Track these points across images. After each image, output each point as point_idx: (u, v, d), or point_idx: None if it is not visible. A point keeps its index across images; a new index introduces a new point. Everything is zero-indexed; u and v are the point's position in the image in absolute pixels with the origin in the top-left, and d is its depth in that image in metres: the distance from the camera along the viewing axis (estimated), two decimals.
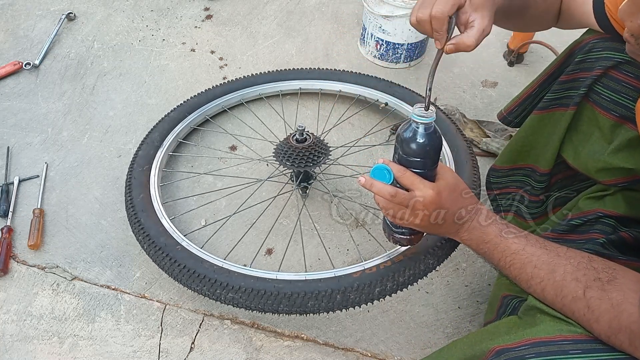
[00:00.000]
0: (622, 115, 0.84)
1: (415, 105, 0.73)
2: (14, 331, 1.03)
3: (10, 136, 1.37)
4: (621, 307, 0.62)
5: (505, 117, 1.12)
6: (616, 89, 0.85)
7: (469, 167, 1.12)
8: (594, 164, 0.88)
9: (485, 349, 0.69)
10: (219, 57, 1.62)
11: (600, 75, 0.86)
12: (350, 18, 1.79)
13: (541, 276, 0.70)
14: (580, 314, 0.65)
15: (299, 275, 0.93)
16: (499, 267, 0.77)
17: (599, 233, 0.84)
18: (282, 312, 0.92)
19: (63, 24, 1.67)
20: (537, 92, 1.03)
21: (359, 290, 0.90)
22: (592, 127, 0.89)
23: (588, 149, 0.89)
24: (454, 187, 0.77)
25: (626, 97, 0.83)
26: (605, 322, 0.62)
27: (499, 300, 0.92)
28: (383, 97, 1.38)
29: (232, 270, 0.95)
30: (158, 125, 1.30)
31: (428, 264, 0.93)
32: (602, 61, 0.86)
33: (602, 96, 0.86)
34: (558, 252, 0.71)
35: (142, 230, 1.04)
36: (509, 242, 0.75)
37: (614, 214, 0.85)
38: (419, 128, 0.72)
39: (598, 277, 0.66)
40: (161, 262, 0.99)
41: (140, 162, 1.19)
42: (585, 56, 0.89)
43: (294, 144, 1.11)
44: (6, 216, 1.19)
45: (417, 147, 0.73)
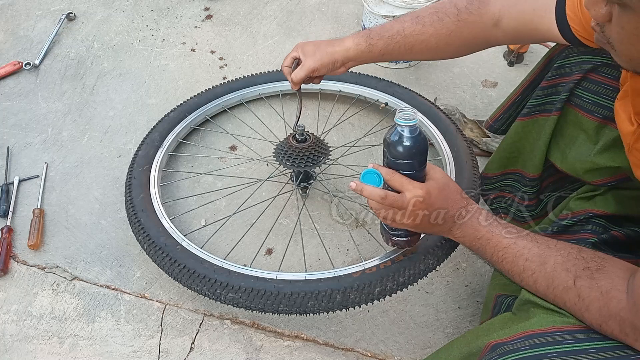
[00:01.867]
0: (605, 116, 0.85)
1: (398, 110, 0.76)
2: (14, 331, 1.03)
3: (10, 136, 1.37)
4: (610, 294, 0.63)
5: (492, 126, 1.15)
6: (597, 91, 0.86)
7: (469, 167, 1.13)
8: (581, 166, 0.89)
9: (481, 345, 0.70)
10: (219, 57, 1.62)
11: (580, 79, 0.88)
12: (350, 18, 1.79)
13: (532, 268, 0.71)
14: (572, 303, 0.66)
15: (299, 275, 0.93)
16: (492, 262, 0.78)
17: (590, 233, 0.85)
18: (282, 312, 0.92)
19: (63, 24, 1.67)
20: (520, 99, 1.06)
21: (359, 290, 0.90)
22: (577, 130, 0.90)
23: (575, 152, 0.91)
24: (444, 187, 0.79)
25: (607, 98, 0.85)
26: (595, 310, 0.63)
27: (493, 299, 0.93)
28: (383, 97, 1.38)
29: (232, 270, 0.95)
30: (158, 125, 1.30)
31: (428, 264, 0.93)
32: (580, 65, 0.87)
33: (584, 99, 0.88)
34: (548, 245, 0.72)
35: (142, 230, 1.04)
36: (500, 237, 0.76)
37: (605, 214, 0.87)
38: (404, 131, 0.75)
39: (587, 267, 0.67)
40: (161, 262, 0.99)
41: (140, 162, 1.19)
42: (564, 61, 0.91)
43: (294, 144, 1.11)
44: (6, 216, 1.19)
45: (403, 150, 0.75)
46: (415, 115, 0.74)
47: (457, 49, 0.98)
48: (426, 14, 0.95)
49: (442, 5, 0.95)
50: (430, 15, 0.94)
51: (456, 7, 0.93)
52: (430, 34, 0.94)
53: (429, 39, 0.95)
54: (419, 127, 0.76)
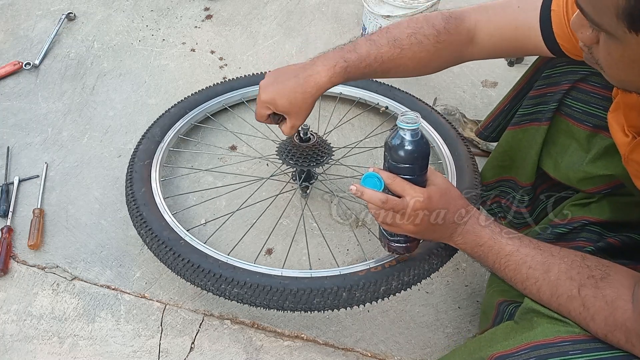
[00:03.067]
0: (596, 125, 0.85)
1: (400, 113, 0.75)
2: (14, 331, 1.03)
3: (10, 136, 1.37)
4: (615, 304, 0.62)
5: (482, 133, 1.14)
6: (587, 100, 0.86)
7: (470, 172, 1.13)
8: (574, 175, 0.89)
9: (484, 357, 0.69)
10: (219, 57, 1.62)
11: (569, 88, 0.87)
12: (350, 18, 1.79)
13: (536, 276, 0.70)
14: (577, 312, 0.65)
15: (305, 273, 0.93)
16: (494, 270, 0.77)
17: (586, 241, 0.85)
18: (287, 309, 0.91)
19: (63, 24, 1.67)
20: (509, 107, 1.05)
21: (365, 289, 0.90)
22: (569, 139, 0.90)
23: (567, 161, 0.90)
24: (445, 192, 0.78)
25: (597, 107, 0.84)
26: (601, 320, 0.62)
27: (494, 307, 0.91)
28: (383, 101, 1.38)
29: (237, 265, 0.94)
30: (159, 120, 1.29)
31: (432, 264, 0.93)
32: (568, 75, 0.87)
33: (574, 109, 0.88)
34: (552, 252, 0.71)
35: (145, 224, 1.03)
36: (502, 244, 0.75)
37: (600, 221, 0.86)
38: (406, 135, 0.74)
39: (591, 275, 0.66)
40: (164, 257, 0.98)
41: (142, 156, 1.18)
42: (552, 71, 0.90)
43: (299, 143, 1.11)
44: (6, 216, 1.19)
45: (405, 154, 0.74)
46: (417, 119, 0.73)
47: (434, 69, 0.94)
48: (404, 36, 0.88)
49: (419, 25, 0.88)
50: (408, 37, 0.88)
51: (434, 27, 0.88)
52: (408, 57, 0.88)
53: (407, 63, 0.89)
54: (421, 131, 0.74)
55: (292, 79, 0.88)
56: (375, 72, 0.90)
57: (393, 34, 0.89)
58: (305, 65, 0.90)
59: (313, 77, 0.88)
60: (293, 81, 0.88)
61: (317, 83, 0.88)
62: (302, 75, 0.88)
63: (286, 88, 0.89)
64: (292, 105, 0.89)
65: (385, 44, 0.88)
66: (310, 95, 0.89)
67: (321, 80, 0.88)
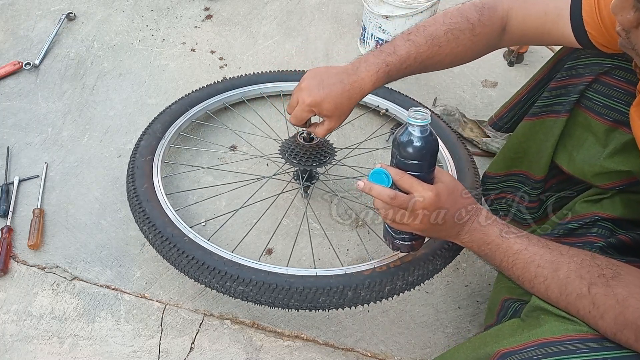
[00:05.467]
0: (616, 120, 0.84)
1: (410, 109, 0.74)
2: (14, 331, 1.03)
3: (10, 136, 1.37)
4: (626, 302, 0.61)
5: (496, 123, 1.14)
6: (608, 94, 0.85)
7: (471, 175, 1.13)
8: (590, 169, 0.88)
9: (490, 352, 0.68)
10: (219, 57, 1.62)
11: (592, 81, 0.86)
12: (350, 18, 1.79)
13: (545, 275, 0.70)
14: (586, 311, 0.64)
15: (310, 271, 0.93)
16: (501, 268, 0.77)
17: (597, 236, 0.84)
18: (292, 307, 0.91)
19: (63, 24, 1.67)
20: (527, 98, 1.04)
21: (370, 288, 0.90)
22: (586, 132, 0.89)
23: (583, 154, 0.90)
24: (453, 189, 0.77)
25: (619, 101, 0.84)
26: (610, 319, 0.62)
27: (499, 303, 0.91)
28: (384, 104, 1.38)
29: (242, 263, 0.94)
30: (160, 116, 1.28)
31: (436, 265, 0.93)
32: (592, 67, 0.86)
33: (595, 102, 0.87)
34: (561, 251, 0.71)
35: (148, 220, 1.02)
36: (510, 243, 0.74)
37: (611, 217, 0.86)
38: (415, 131, 0.73)
39: (602, 274, 0.65)
40: (168, 253, 0.97)
41: (143, 152, 1.17)
42: (575, 62, 0.89)
43: (302, 142, 1.11)
44: (6, 216, 1.19)
45: (414, 150, 0.74)
46: (427, 115, 0.73)
47: (469, 59, 0.96)
48: (441, 33, 0.90)
49: (455, 20, 0.90)
50: (445, 34, 0.90)
51: (469, 21, 0.89)
52: (446, 53, 0.91)
53: (444, 59, 0.92)
54: (430, 127, 0.74)
55: (339, 84, 0.91)
56: (414, 71, 0.93)
57: (430, 32, 0.91)
58: (347, 69, 0.92)
59: (358, 83, 0.91)
60: (339, 86, 0.91)
61: (362, 89, 0.91)
62: (347, 81, 0.91)
63: (332, 93, 0.91)
64: (337, 109, 0.93)
65: (423, 43, 0.90)
66: (355, 101, 0.93)
67: (365, 86, 0.91)
